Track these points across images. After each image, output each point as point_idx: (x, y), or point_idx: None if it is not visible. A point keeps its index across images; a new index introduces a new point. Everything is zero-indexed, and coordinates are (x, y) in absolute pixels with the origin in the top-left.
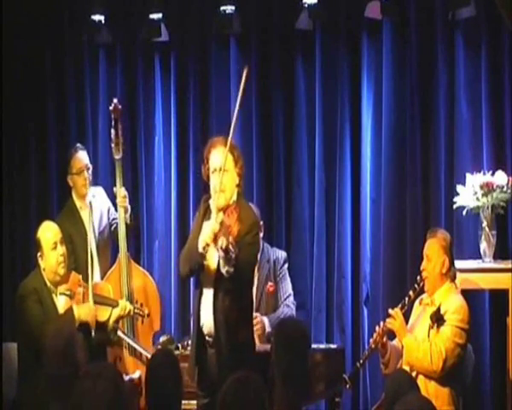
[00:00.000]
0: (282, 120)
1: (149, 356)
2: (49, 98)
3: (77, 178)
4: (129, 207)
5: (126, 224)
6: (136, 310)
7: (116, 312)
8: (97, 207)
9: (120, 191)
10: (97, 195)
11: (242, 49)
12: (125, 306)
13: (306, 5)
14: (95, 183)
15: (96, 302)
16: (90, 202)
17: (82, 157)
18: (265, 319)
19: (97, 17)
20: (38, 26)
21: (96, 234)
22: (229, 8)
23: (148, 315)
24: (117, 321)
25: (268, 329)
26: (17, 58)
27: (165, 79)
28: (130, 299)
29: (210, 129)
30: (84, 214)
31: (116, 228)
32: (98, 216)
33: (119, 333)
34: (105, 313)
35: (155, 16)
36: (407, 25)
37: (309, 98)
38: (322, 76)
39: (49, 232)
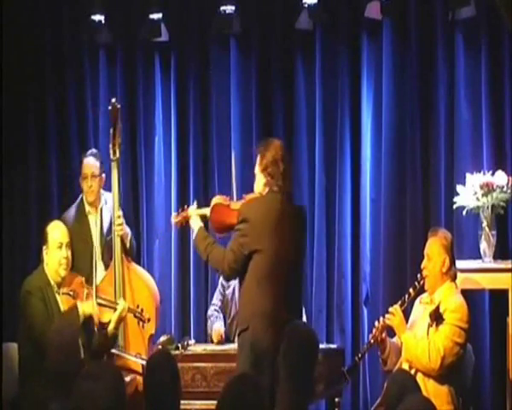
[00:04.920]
0: (282, 119)
1: (144, 363)
2: (49, 98)
3: (83, 183)
4: (128, 231)
5: (125, 248)
6: (137, 314)
7: (116, 314)
8: (107, 213)
9: (116, 218)
10: (109, 200)
11: (242, 49)
12: (123, 305)
13: (306, 5)
14: None
15: (98, 304)
16: (101, 208)
17: (88, 164)
18: None
19: (97, 17)
20: (38, 25)
21: (103, 239)
22: (229, 8)
23: (149, 320)
24: (117, 327)
25: None
26: (17, 58)
27: (165, 79)
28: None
29: (210, 129)
30: (92, 219)
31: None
32: (108, 222)
33: (113, 351)
34: (107, 315)
35: (155, 16)
36: (407, 25)
37: (309, 98)
38: (322, 76)
39: (57, 231)
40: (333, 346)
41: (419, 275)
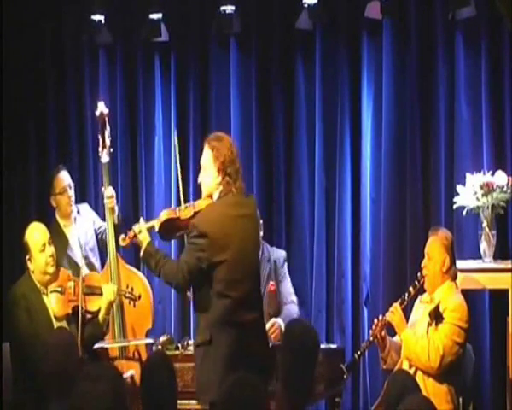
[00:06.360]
0: (282, 119)
1: (144, 343)
2: (49, 98)
3: (60, 197)
4: (116, 207)
5: (114, 224)
6: (127, 294)
7: (105, 300)
8: (82, 222)
9: (107, 191)
10: (82, 210)
11: (242, 49)
12: (110, 290)
13: (306, 5)
14: (94, 183)
15: (85, 294)
16: (75, 218)
17: (64, 177)
18: (281, 322)
19: (97, 17)
20: (38, 26)
21: (83, 248)
22: (229, 8)
23: (140, 297)
24: (107, 313)
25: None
26: (17, 58)
27: (165, 79)
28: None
29: (210, 129)
30: (69, 232)
31: (104, 234)
32: (84, 231)
33: (106, 345)
34: (95, 303)
35: (155, 16)
36: (407, 25)
37: (309, 98)
38: (322, 76)
39: (36, 234)
40: (333, 346)
41: (419, 273)
